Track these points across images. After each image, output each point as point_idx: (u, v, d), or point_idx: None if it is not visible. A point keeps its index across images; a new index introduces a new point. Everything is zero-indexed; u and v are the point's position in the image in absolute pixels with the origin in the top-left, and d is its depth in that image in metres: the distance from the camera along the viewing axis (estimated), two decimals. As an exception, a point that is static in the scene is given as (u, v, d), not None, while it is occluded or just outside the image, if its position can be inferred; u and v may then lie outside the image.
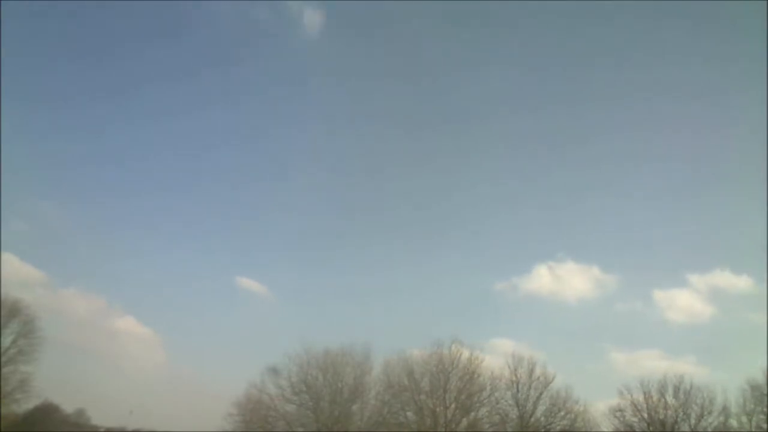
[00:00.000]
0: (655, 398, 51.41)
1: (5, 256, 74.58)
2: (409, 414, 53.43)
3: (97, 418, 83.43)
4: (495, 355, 62.70)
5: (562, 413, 52.21)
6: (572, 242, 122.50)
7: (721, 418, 49.75)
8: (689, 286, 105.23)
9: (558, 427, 51.87)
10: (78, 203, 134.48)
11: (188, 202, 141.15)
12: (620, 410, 52.27)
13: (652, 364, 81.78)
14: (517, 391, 53.09)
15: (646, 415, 51.19)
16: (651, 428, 50.44)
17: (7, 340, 53.54)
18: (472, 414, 53.58)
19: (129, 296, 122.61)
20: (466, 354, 54.30)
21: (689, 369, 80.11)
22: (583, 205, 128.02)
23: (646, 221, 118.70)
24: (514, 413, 52.64)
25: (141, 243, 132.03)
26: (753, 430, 48.77)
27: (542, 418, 52.31)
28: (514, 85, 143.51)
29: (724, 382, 52.70)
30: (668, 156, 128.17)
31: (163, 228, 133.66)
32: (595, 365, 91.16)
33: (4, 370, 52.10)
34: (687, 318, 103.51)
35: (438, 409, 52.55)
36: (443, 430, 51.34)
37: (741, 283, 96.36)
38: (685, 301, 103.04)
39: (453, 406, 52.76)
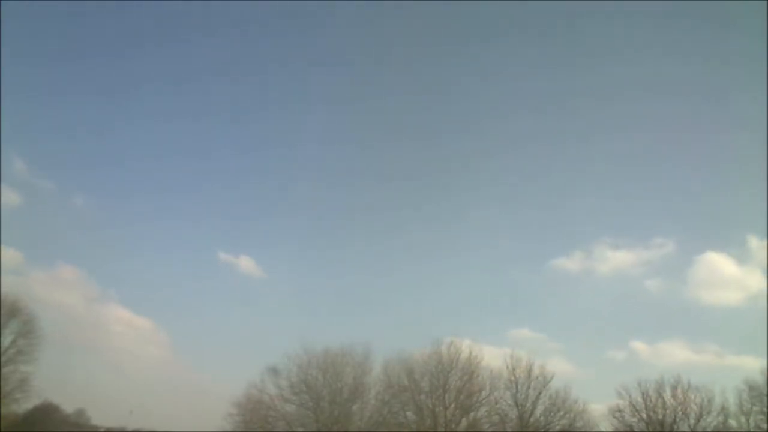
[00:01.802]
0: (653, 398, 51.52)
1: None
2: (409, 414, 53.43)
3: (97, 418, 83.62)
4: (513, 348, 62.17)
5: (562, 413, 52.13)
6: (604, 225, 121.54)
7: (720, 418, 49.86)
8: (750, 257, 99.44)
9: (557, 427, 51.74)
10: (77, 200, 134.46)
11: (189, 201, 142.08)
12: (619, 411, 52.39)
13: (683, 355, 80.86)
14: (516, 390, 53.01)
15: (644, 416, 51.25)
16: (650, 428, 50.48)
17: (6, 340, 53.59)
18: (472, 414, 53.57)
19: (129, 292, 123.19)
20: (465, 352, 54.36)
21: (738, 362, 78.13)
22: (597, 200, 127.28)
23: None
24: (513, 413, 52.63)
25: (141, 240, 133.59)
26: (751, 430, 48.88)
27: (542, 418, 52.20)
28: (515, 85, 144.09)
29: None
30: (669, 156, 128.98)
31: (162, 225, 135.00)
32: (621, 356, 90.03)
33: (4, 370, 52.05)
34: (745, 300, 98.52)
35: (438, 409, 52.55)
36: (443, 430, 51.38)
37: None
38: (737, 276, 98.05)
39: (453, 405, 52.74)
